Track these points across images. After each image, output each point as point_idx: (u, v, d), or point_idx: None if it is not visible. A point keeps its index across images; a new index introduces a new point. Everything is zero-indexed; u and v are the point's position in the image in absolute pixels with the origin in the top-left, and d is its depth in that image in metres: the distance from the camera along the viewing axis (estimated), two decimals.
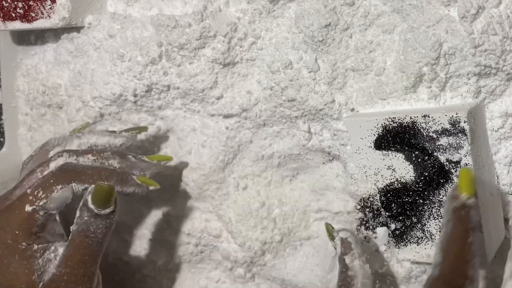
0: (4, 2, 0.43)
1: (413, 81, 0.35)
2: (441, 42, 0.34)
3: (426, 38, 0.34)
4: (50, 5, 0.41)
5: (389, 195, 0.36)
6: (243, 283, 0.46)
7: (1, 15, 0.43)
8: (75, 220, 0.33)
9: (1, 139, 0.54)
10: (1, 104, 0.51)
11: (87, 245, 0.32)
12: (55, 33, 0.46)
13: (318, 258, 0.43)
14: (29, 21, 0.43)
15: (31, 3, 0.42)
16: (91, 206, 0.32)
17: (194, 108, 0.42)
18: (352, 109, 0.38)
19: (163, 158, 0.40)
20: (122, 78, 0.41)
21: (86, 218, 0.32)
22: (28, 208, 0.33)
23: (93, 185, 0.32)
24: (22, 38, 0.48)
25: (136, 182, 0.37)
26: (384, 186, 0.36)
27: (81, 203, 0.32)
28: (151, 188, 0.38)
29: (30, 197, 0.33)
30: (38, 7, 0.42)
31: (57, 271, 0.33)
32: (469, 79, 0.35)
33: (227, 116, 0.42)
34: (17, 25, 0.43)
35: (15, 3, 0.42)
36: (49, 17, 0.42)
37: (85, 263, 0.32)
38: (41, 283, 0.33)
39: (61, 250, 0.34)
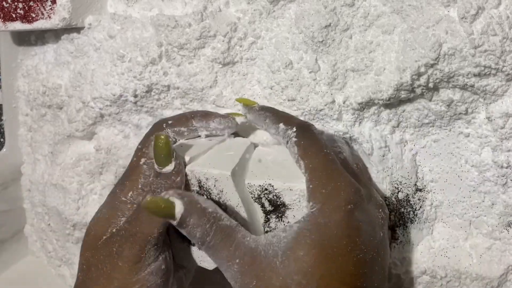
0: (4, 3, 0.43)
1: (409, 78, 0.35)
2: (440, 43, 0.34)
3: (425, 38, 0.34)
4: (50, 5, 0.41)
5: None
6: None
7: (2, 15, 0.43)
8: None
9: (1, 140, 0.54)
10: (1, 104, 0.51)
11: None
12: (55, 34, 0.46)
13: None
14: (29, 21, 0.43)
15: (31, 3, 0.42)
16: (155, 165, 0.32)
17: (193, 108, 0.42)
18: (353, 108, 0.38)
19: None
20: (122, 79, 0.41)
21: (151, 178, 0.33)
22: (142, 160, 0.34)
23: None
24: (23, 39, 0.48)
25: (221, 115, 0.37)
26: None
27: None
28: (238, 120, 0.37)
29: (138, 152, 0.35)
30: (38, 7, 0.42)
31: (119, 228, 0.33)
32: (469, 79, 0.35)
33: None
34: (18, 25, 0.43)
35: (16, 3, 0.42)
36: (49, 17, 0.42)
37: (139, 221, 0.32)
38: (113, 229, 0.33)
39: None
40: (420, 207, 0.40)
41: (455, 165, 0.40)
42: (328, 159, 0.31)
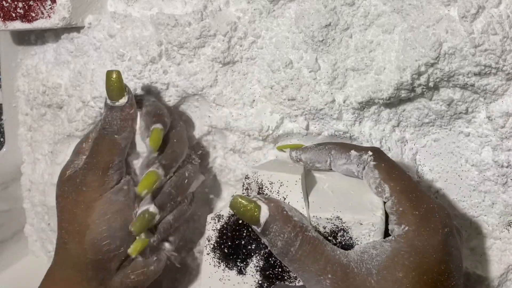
0: (4, 2, 0.43)
1: (410, 77, 0.35)
2: (441, 42, 0.34)
3: (426, 37, 0.34)
4: (50, 5, 0.41)
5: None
6: None
7: (1, 15, 0.43)
8: None
9: (1, 139, 0.54)
10: (1, 104, 0.51)
11: (104, 135, 0.35)
12: (55, 33, 0.46)
13: None
14: (29, 21, 0.43)
15: (31, 3, 0.42)
16: (107, 100, 0.35)
17: (193, 107, 0.43)
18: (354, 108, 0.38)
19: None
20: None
21: (104, 113, 0.36)
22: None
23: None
24: (22, 38, 0.48)
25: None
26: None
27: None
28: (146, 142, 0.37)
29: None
30: (38, 7, 0.42)
31: (81, 163, 0.36)
32: (469, 78, 0.35)
33: None
34: (17, 25, 0.43)
35: (15, 3, 0.42)
36: (49, 17, 0.42)
37: (100, 151, 0.35)
38: (69, 171, 0.37)
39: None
40: None
41: (455, 164, 0.40)
42: (413, 181, 0.31)
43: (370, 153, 0.32)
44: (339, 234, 0.30)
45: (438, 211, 0.29)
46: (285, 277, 0.31)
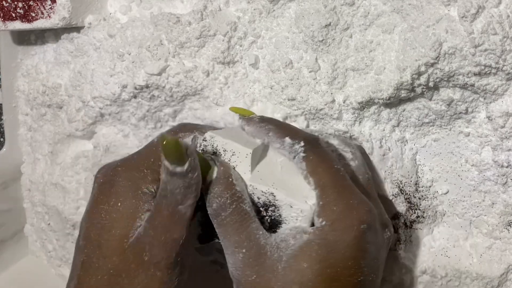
0: (4, 2, 0.43)
1: (410, 77, 0.35)
2: (441, 42, 0.34)
3: (426, 37, 0.34)
4: (50, 5, 0.41)
5: None
6: None
7: (1, 15, 0.43)
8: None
9: (1, 139, 0.54)
10: (1, 104, 0.51)
11: (166, 206, 0.29)
12: (55, 33, 0.46)
13: None
14: (29, 21, 0.43)
15: (31, 3, 0.42)
16: (165, 162, 0.28)
17: (193, 107, 0.42)
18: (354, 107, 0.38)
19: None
20: (122, 78, 0.41)
21: (164, 178, 0.29)
22: (152, 154, 0.32)
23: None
24: (22, 38, 0.48)
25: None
26: None
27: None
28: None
29: (154, 148, 0.33)
30: (38, 7, 0.42)
31: (142, 232, 0.30)
32: (469, 78, 0.35)
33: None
34: (17, 25, 0.43)
35: (15, 3, 0.42)
36: (49, 17, 0.42)
37: (165, 227, 0.29)
38: (130, 239, 0.30)
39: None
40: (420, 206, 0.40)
41: (455, 164, 0.40)
42: (339, 176, 0.31)
43: (302, 143, 0.31)
44: (270, 209, 0.31)
45: (357, 207, 0.29)
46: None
